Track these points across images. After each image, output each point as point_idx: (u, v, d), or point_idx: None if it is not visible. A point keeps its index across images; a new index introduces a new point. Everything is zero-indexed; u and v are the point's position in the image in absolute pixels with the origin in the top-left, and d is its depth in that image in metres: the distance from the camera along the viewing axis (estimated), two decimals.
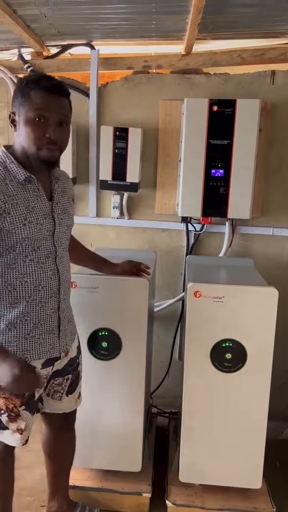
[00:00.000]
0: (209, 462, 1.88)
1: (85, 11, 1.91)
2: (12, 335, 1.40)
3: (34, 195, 1.39)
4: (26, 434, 1.49)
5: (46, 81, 1.33)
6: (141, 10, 1.90)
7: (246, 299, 1.74)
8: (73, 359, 1.62)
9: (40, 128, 1.32)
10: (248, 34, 2.21)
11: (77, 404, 1.70)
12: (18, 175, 1.36)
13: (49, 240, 1.43)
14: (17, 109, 1.35)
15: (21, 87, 1.34)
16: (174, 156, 2.38)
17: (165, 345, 2.59)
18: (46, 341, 1.46)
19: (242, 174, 2.16)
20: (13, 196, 1.33)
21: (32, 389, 1.39)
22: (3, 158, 1.37)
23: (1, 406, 1.44)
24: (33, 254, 1.38)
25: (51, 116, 1.32)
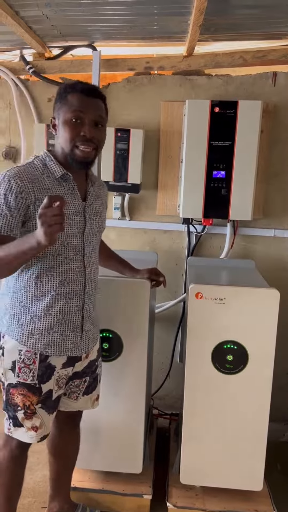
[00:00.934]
0: (210, 464, 1.87)
1: (87, 13, 1.91)
2: (35, 327, 1.43)
3: (69, 192, 1.45)
4: (41, 432, 1.50)
5: (81, 85, 1.42)
6: (143, 11, 1.90)
7: (247, 301, 1.74)
8: (93, 362, 1.63)
9: (76, 127, 1.39)
10: (250, 36, 2.21)
11: (93, 406, 1.71)
12: (55, 172, 1.43)
13: (79, 238, 1.47)
14: (57, 113, 1.44)
15: (60, 92, 1.44)
16: (175, 157, 2.38)
17: (166, 346, 2.58)
18: (69, 339, 1.48)
19: (244, 175, 2.16)
20: (48, 189, 1.40)
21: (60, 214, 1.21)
22: (44, 157, 1.46)
23: (18, 403, 1.46)
24: (61, 249, 1.42)
25: (86, 116, 1.39)
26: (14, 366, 1.44)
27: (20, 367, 1.44)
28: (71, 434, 1.75)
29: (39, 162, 1.44)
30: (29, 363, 1.44)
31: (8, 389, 1.47)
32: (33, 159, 1.46)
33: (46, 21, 1.98)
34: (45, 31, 2.15)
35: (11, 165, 2.54)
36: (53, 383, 1.49)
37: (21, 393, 1.45)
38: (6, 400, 1.49)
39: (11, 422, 1.49)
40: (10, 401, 1.48)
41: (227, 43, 2.32)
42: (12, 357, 1.44)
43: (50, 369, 1.47)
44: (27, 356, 1.43)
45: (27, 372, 1.44)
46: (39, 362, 1.44)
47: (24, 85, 2.45)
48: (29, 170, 1.39)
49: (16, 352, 1.44)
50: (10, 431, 1.50)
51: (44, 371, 1.45)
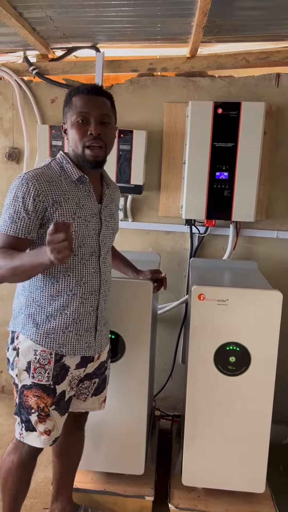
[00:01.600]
0: (212, 466, 1.87)
1: (90, 14, 1.91)
2: (51, 327, 1.44)
3: (85, 195, 1.46)
4: (53, 435, 1.50)
5: (84, 86, 1.44)
6: (146, 13, 1.90)
7: (250, 302, 1.74)
8: (103, 363, 1.63)
9: (83, 127, 1.40)
10: (253, 37, 2.21)
11: (101, 407, 1.71)
12: (72, 175, 1.44)
13: (95, 239, 1.48)
14: (65, 118, 1.46)
15: (66, 97, 1.46)
16: (178, 158, 2.38)
17: (168, 348, 2.58)
18: (83, 339, 1.49)
19: (247, 176, 2.16)
20: (65, 192, 1.41)
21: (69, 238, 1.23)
22: (60, 159, 1.47)
23: (33, 405, 1.45)
24: (78, 250, 1.43)
25: (91, 115, 1.40)
26: (29, 367, 1.44)
27: (36, 367, 1.43)
28: (76, 435, 1.75)
29: (56, 164, 1.45)
30: (44, 363, 1.44)
31: (22, 391, 1.46)
32: (50, 161, 1.47)
33: (49, 22, 1.99)
34: (49, 33, 2.16)
35: (14, 166, 2.56)
36: (67, 384, 1.49)
37: (35, 394, 1.44)
38: (19, 402, 1.48)
39: (23, 427, 1.48)
40: (24, 404, 1.46)
41: (230, 45, 2.32)
42: (27, 358, 1.44)
43: (64, 370, 1.47)
44: (42, 356, 1.43)
45: (42, 372, 1.44)
46: (54, 362, 1.44)
47: (27, 86, 2.46)
48: (46, 172, 1.40)
49: (31, 352, 1.44)
50: (22, 436, 1.49)
51: (58, 372, 1.46)
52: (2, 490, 1.58)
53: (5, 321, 2.74)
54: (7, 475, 1.55)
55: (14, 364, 1.47)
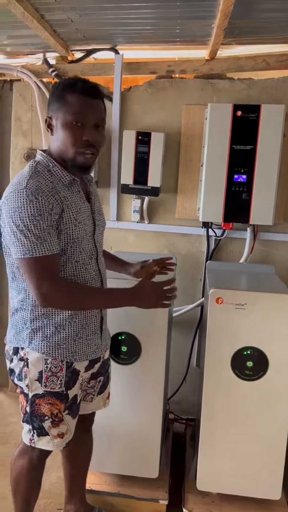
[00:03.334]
0: (227, 471, 1.85)
1: (110, 16, 1.92)
2: (61, 337, 1.41)
3: (78, 197, 1.41)
4: (67, 438, 1.49)
5: (82, 84, 1.34)
6: (166, 15, 1.90)
7: (268, 306, 1.72)
8: (106, 361, 1.63)
9: (78, 131, 1.33)
10: (273, 39, 2.20)
11: (105, 404, 1.70)
12: (63, 178, 1.37)
13: (91, 241, 1.45)
14: (54, 113, 1.35)
15: (57, 91, 1.35)
16: (196, 160, 2.37)
17: (182, 351, 2.57)
18: (92, 342, 1.48)
19: (266, 180, 2.14)
20: (65, 198, 1.35)
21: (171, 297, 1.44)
22: (45, 162, 1.37)
23: (46, 413, 1.43)
24: (79, 256, 1.40)
25: (88, 119, 1.33)
26: (41, 376, 1.41)
27: (48, 376, 1.41)
28: (84, 437, 1.74)
29: (42, 168, 1.36)
30: (56, 371, 1.42)
31: (34, 400, 1.44)
32: (35, 165, 1.36)
33: (70, 24, 2.00)
34: (69, 35, 2.17)
35: None
36: (78, 388, 1.49)
37: (48, 402, 1.43)
38: (30, 411, 1.45)
39: (34, 433, 1.46)
40: (36, 412, 1.44)
41: (250, 47, 2.31)
42: (38, 368, 1.41)
43: (75, 375, 1.46)
44: (54, 364, 1.41)
45: (54, 380, 1.42)
46: (66, 368, 1.43)
47: (46, 88, 2.47)
48: (42, 181, 1.32)
49: (42, 362, 1.41)
50: (33, 441, 1.47)
51: (70, 377, 1.45)
52: (14, 494, 1.58)
53: None
54: (18, 478, 1.55)
55: (23, 374, 1.43)
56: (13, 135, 2.58)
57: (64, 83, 1.36)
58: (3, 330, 1.57)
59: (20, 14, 1.77)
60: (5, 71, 2.51)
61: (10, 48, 2.45)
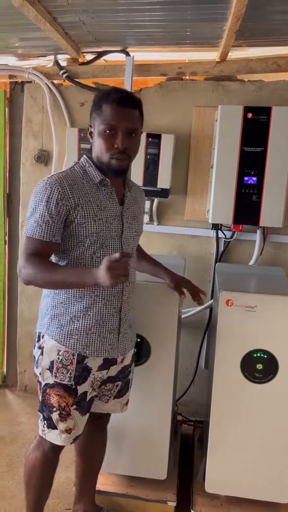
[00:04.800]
0: (236, 474, 1.84)
1: (122, 18, 1.93)
2: (74, 328, 1.46)
3: (107, 197, 1.48)
4: (74, 433, 1.52)
5: (115, 94, 1.41)
6: (177, 17, 1.91)
7: (279, 309, 1.71)
8: (126, 367, 1.63)
9: (110, 139, 1.41)
10: (284, 41, 2.19)
11: (122, 410, 1.71)
12: (94, 178, 1.47)
13: (117, 241, 1.49)
14: (93, 123, 1.46)
15: (96, 101, 1.45)
16: (206, 162, 2.37)
17: (191, 352, 2.57)
18: (106, 340, 1.50)
19: (276, 182, 2.14)
20: (87, 194, 1.43)
21: (125, 273, 1.34)
22: (83, 163, 1.50)
23: (54, 404, 1.48)
24: (100, 252, 1.45)
25: (119, 127, 1.40)
26: (52, 366, 1.46)
27: (58, 367, 1.46)
28: (99, 436, 1.76)
29: (79, 168, 1.48)
30: (66, 363, 1.46)
31: (45, 389, 1.49)
32: (74, 165, 1.49)
33: (82, 27, 2.01)
34: (81, 37, 2.18)
35: (43, 168, 2.59)
36: (88, 385, 1.50)
37: (57, 393, 1.47)
38: (42, 400, 1.51)
39: (45, 424, 1.51)
40: (46, 402, 1.49)
41: (261, 49, 2.30)
42: (50, 357, 1.47)
43: (86, 371, 1.48)
44: (65, 356, 1.46)
45: (64, 372, 1.46)
46: (76, 363, 1.46)
47: (57, 90, 2.49)
48: (69, 176, 1.43)
49: (55, 352, 1.46)
50: (44, 432, 1.52)
51: (80, 373, 1.47)
52: (27, 487, 1.60)
53: (30, 320, 2.77)
54: (31, 471, 1.57)
55: (39, 362, 1.50)
56: (24, 136, 2.60)
57: (101, 93, 1.45)
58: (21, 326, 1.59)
59: (33, 16, 1.79)
60: (16, 73, 2.53)
61: (21, 50, 2.47)
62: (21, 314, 2.79)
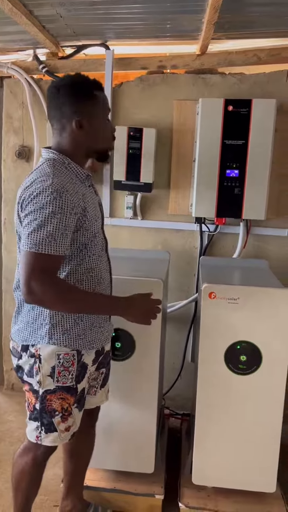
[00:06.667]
0: (222, 465, 1.86)
1: (100, 11, 1.91)
2: (80, 329, 1.44)
3: (91, 191, 1.47)
4: (72, 430, 1.51)
5: (98, 82, 1.43)
6: (156, 9, 1.89)
7: (261, 301, 1.72)
8: (107, 353, 1.65)
9: (109, 125, 1.48)
10: (264, 34, 2.19)
11: (107, 397, 1.72)
12: (79, 174, 1.41)
13: (101, 233, 1.50)
14: (85, 111, 1.37)
15: (82, 89, 1.38)
16: (188, 156, 2.37)
17: (177, 346, 2.57)
18: (105, 329, 1.52)
19: (258, 174, 2.14)
20: (85, 195, 1.40)
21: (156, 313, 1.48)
22: (60, 159, 1.38)
23: (57, 408, 1.44)
24: (95, 249, 1.44)
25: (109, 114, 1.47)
26: (53, 372, 1.42)
27: (60, 371, 1.42)
28: (87, 433, 1.75)
29: (60, 165, 1.37)
30: (68, 365, 1.43)
31: (45, 396, 1.44)
32: (53, 163, 1.36)
33: (59, 20, 1.98)
34: (59, 30, 2.16)
35: (24, 164, 2.56)
36: (86, 381, 1.52)
37: (60, 397, 1.44)
38: (41, 408, 1.45)
39: (42, 430, 1.46)
40: (47, 408, 1.44)
41: (241, 41, 2.30)
42: (50, 363, 1.41)
43: (84, 368, 1.49)
44: (66, 359, 1.42)
45: (66, 375, 1.43)
46: (77, 362, 1.45)
47: (37, 85, 2.46)
48: (64, 179, 1.33)
49: (54, 357, 1.41)
50: (40, 439, 1.47)
51: (80, 371, 1.47)
52: (15, 491, 1.58)
53: None
54: (20, 476, 1.55)
55: (34, 371, 1.43)
56: (4, 132, 2.57)
57: (87, 81, 1.40)
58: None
59: (8, 10, 1.76)
60: None
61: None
62: (6, 312, 2.77)
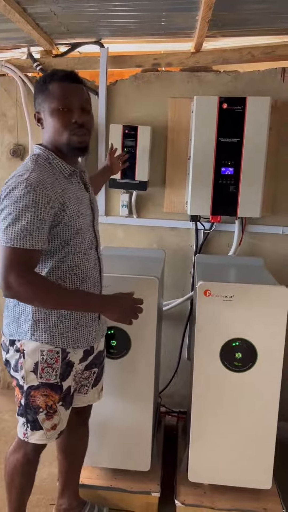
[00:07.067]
0: (218, 462, 1.86)
1: (94, 9, 1.91)
2: (64, 327, 1.43)
3: (78, 188, 1.44)
4: (59, 428, 1.50)
5: (60, 72, 1.39)
6: (150, 7, 1.89)
7: (256, 298, 1.73)
8: (100, 352, 1.64)
9: (66, 115, 1.36)
10: (258, 31, 2.19)
11: (99, 397, 1.72)
12: (63, 170, 1.40)
13: (91, 231, 1.48)
14: (41, 106, 1.39)
15: (39, 85, 1.40)
16: (183, 154, 2.37)
17: (173, 344, 2.57)
18: (92, 329, 1.51)
19: (252, 172, 2.14)
20: (66, 190, 1.37)
21: (137, 313, 1.44)
22: (45, 154, 1.39)
23: (40, 404, 1.44)
24: (81, 246, 1.42)
25: (73, 103, 1.36)
26: (36, 368, 1.42)
27: (43, 367, 1.42)
28: (80, 431, 1.76)
29: (43, 161, 1.38)
30: (51, 362, 1.43)
31: (29, 392, 1.44)
32: (36, 158, 1.37)
33: (53, 17, 1.98)
34: (53, 28, 2.15)
35: (19, 163, 2.55)
36: (72, 379, 1.50)
37: (44, 393, 1.44)
38: (25, 403, 1.45)
39: (28, 427, 1.47)
40: (32, 404, 1.45)
41: (235, 39, 2.30)
42: (34, 359, 1.42)
43: (69, 366, 1.48)
44: (49, 355, 1.42)
45: (50, 371, 1.43)
46: (61, 360, 1.44)
47: (31, 83, 2.45)
48: (44, 174, 1.33)
49: (38, 353, 1.41)
50: (26, 436, 1.48)
51: (65, 369, 1.46)
52: (8, 488, 1.58)
53: None
54: (12, 473, 1.55)
55: (19, 366, 1.44)
56: None
57: (44, 76, 1.41)
58: None
59: (1, 7, 1.75)
60: None
61: None
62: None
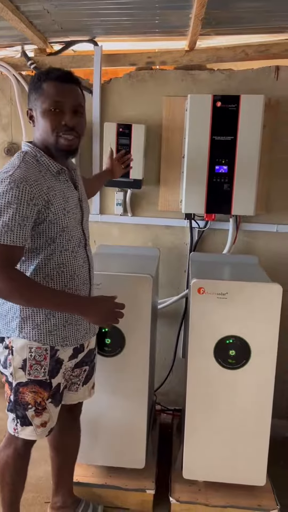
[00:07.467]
0: (213, 459, 1.87)
1: (87, 7, 1.90)
2: (51, 324, 1.43)
3: (66, 186, 1.44)
4: (49, 426, 1.50)
5: (56, 72, 1.38)
6: (144, 5, 1.89)
7: (250, 296, 1.73)
8: (91, 351, 1.65)
9: (56, 117, 1.36)
10: (252, 30, 2.20)
11: (90, 394, 1.72)
12: (51, 168, 1.40)
13: (79, 229, 1.48)
14: (33, 104, 1.39)
15: (33, 82, 1.39)
16: (177, 152, 2.37)
17: (168, 342, 2.58)
18: (82, 327, 1.51)
19: (247, 170, 2.15)
20: (52, 187, 1.37)
21: (118, 318, 1.45)
22: (33, 152, 1.39)
23: (29, 401, 1.45)
24: (68, 244, 1.42)
25: (65, 104, 1.36)
26: (25, 364, 1.42)
27: (31, 364, 1.43)
28: (72, 428, 1.76)
29: (31, 158, 1.38)
30: (40, 359, 1.43)
31: (18, 388, 1.45)
32: (23, 156, 1.37)
33: (47, 15, 1.97)
34: (46, 26, 2.15)
35: None
36: (61, 377, 1.51)
37: (32, 390, 1.44)
38: (14, 400, 1.46)
39: (18, 422, 1.48)
40: (20, 400, 1.45)
41: (229, 37, 2.30)
42: (22, 356, 1.42)
43: (59, 363, 1.48)
44: (38, 352, 1.42)
45: (38, 368, 1.43)
46: (50, 357, 1.44)
47: (25, 81, 2.44)
48: (30, 171, 1.33)
49: (26, 349, 1.42)
50: (17, 431, 1.49)
51: (54, 366, 1.46)
52: (0, 485, 1.58)
53: None
54: (3, 469, 1.55)
55: (8, 362, 1.45)
56: None
57: (39, 73, 1.40)
58: None
59: None
60: None
61: None
62: None
